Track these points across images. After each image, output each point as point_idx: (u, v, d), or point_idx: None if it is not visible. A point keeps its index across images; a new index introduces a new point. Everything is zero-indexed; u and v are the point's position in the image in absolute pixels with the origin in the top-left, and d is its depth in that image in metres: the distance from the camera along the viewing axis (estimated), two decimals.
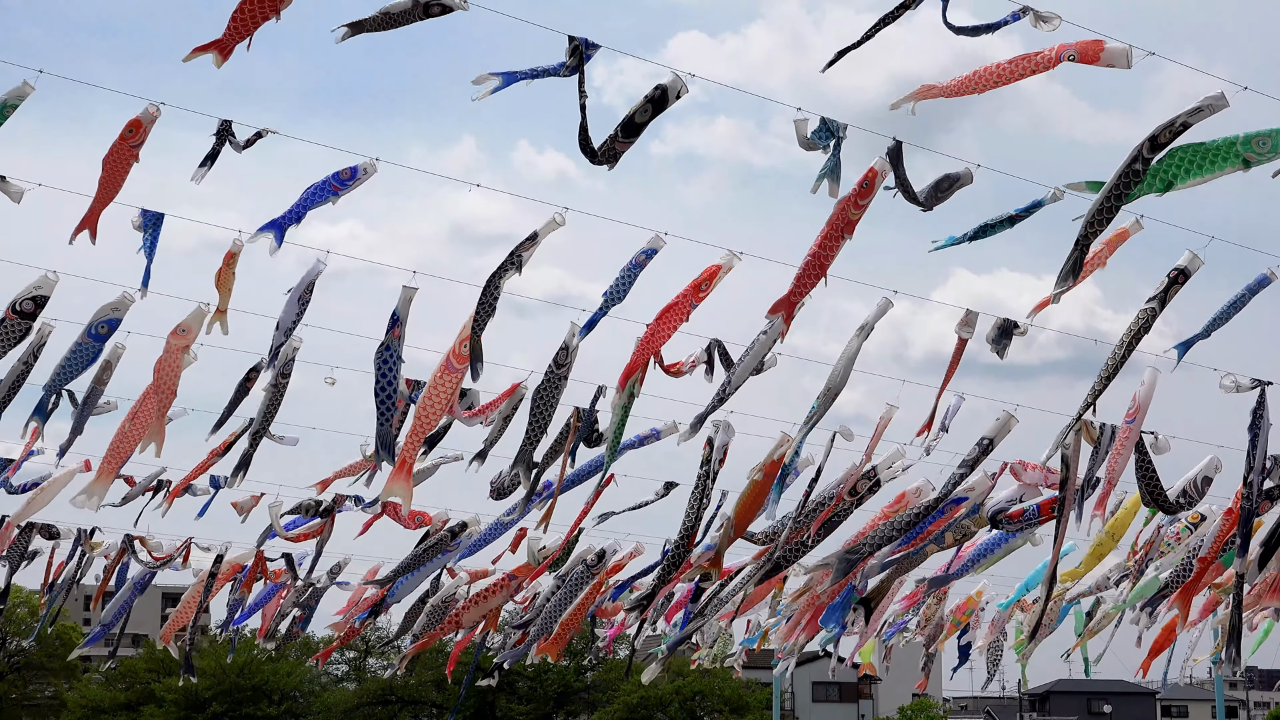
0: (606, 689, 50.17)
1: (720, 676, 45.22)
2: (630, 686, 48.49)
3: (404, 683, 48.42)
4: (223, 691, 46.54)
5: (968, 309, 9.84)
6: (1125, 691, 68.58)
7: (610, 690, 49.88)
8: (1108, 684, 67.12)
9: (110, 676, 47.73)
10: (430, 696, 48.73)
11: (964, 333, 9.84)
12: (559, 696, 50.13)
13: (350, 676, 52.49)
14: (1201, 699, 73.72)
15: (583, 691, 51.04)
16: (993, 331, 9.86)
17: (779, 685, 29.68)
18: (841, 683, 65.29)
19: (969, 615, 17.91)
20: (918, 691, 50.31)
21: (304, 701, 49.86)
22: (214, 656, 45.48)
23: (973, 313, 9.83)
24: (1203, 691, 72.33)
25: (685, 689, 48.79)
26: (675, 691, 48.79)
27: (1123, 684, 65.30)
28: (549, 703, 49.90)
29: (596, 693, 50.73)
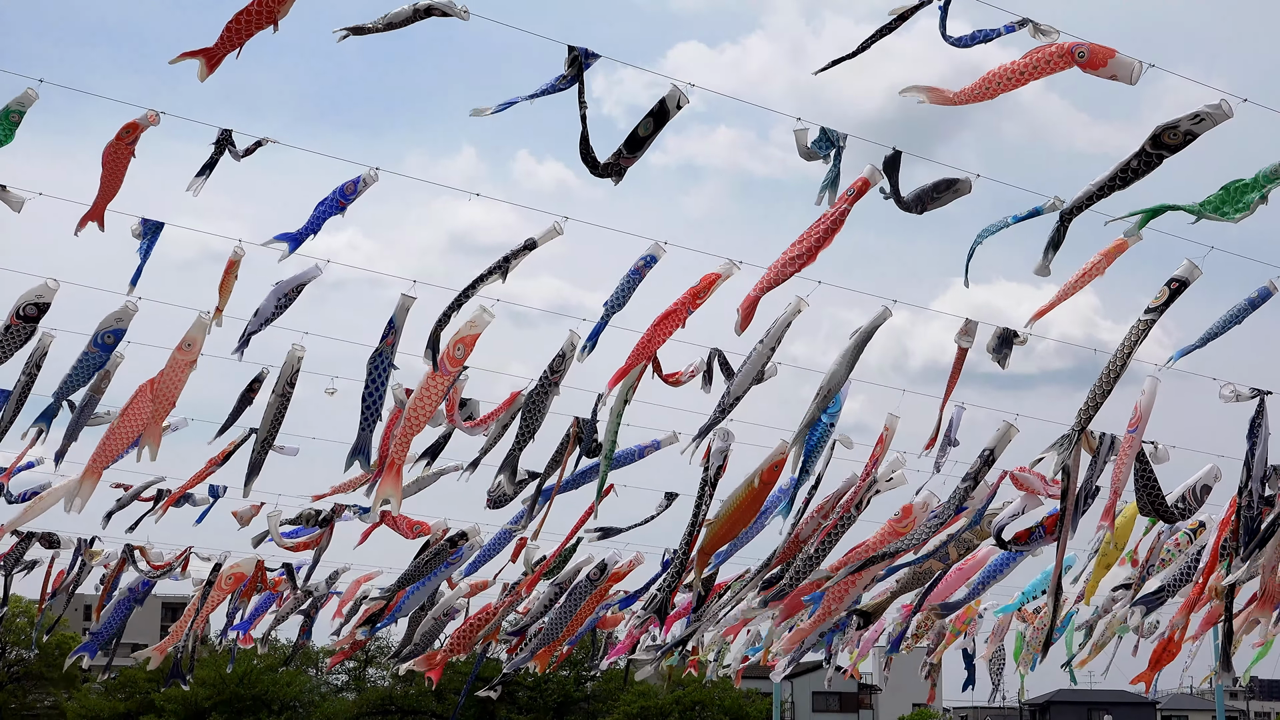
0: (606, 698, 50.13)
1: (720, 686, 45.18)
2: (630, 696, 48.45)
3: (403, 692, 48.40)
4: (223, 701, 46.50)
5: (967, 318, 9.85)
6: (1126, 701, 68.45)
7: (610, 700, 49.84)
8: (1108, 694, 67.03)
9: (110, 686, 47.65)
10: (430, 706, 48.68)
11: (964, 342, 9.83)
12: (559, 706, 50.09)
13: (350, 686, 52.46)
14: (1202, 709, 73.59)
15: (582, 701, 50.99)
16: (993, 341, 9.86)
17: (779, 695, 29.62)
18: (841, 692, 65.22)
19: (968, 624, 17.90)
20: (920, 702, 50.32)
21: (304, 711, 49.81)
22: (214, 666, 45.42)
23: (972, 322, 9.83)
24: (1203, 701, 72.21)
25: (685, 699, 48.77)
26: (675, 701, 48.75)
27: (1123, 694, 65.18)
28: (549, 712, 49.86)
29: (596, 702, 50.70)
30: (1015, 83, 7.50)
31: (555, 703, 49.83)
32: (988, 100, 7.58)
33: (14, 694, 50.60)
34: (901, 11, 7.34)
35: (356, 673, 51.95)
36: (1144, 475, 9.95)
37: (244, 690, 46.94)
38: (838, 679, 19.10)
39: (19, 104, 7.53)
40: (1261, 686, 74.94)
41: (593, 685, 50.82)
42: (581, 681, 50.66)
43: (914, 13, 7.34)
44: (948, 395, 10.10)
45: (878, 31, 7.42)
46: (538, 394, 9.88)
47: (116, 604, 15.32)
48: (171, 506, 13.47)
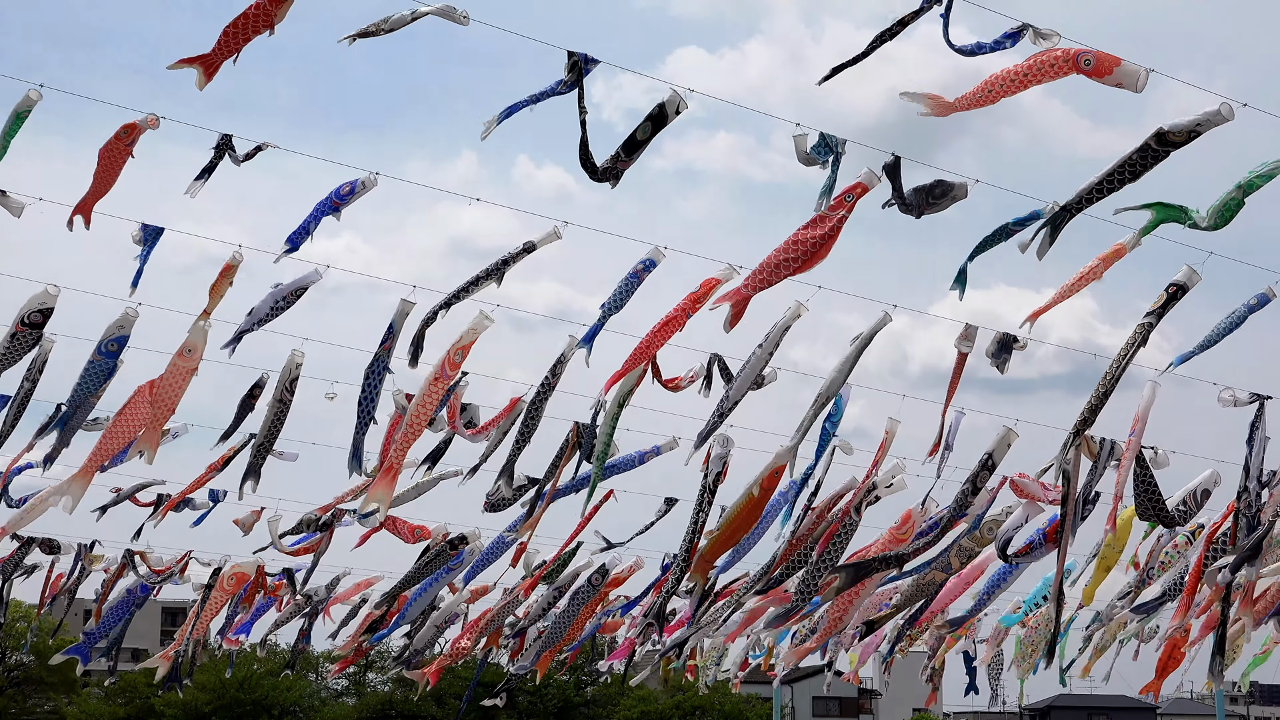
0: (606, 704, 50.10)
1: (720, 691, 45.15)
2: (630, 702, 48.43)
3: (403, 697, 48.37)
4: (223, 706, 46.47)
5: (967, 323, 9.84)
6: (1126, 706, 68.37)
7: (610, 705, 49.80)
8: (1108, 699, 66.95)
9: (110, 691, 47.62)
10: (430, 711, 48.62)
11: (964, 347, 9.83)
12: (559, 711, 50.03)
13: (350, 691, 52.42)
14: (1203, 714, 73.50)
15: (582, 706, 50.94)
16: (992, 346, 9.85)
17: (779, 700, 29.62)
18: (842, 697, 65.17)
19: (969, 627, 17.87)
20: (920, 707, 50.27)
21: (304, 716, 49.79)
22: (214, 671, 45.40)
23: (972, 327, 9.83)
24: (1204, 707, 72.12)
25: (685, 704, 48.72)
26: (675, 707, 48.72)
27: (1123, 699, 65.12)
28: (549, 717, 49.81)
29: (596, 708, 50.65)
30: (1017, 87, 7.49)
31: (555, 707, 49.77)
32: (989, 105, 7.57)
33: (14, 699, 50.55)
34: (903, 17, 7.34)
35: (356, 677, 51.89)
36: (1144, 480, 9.94)
37: (244, 695, 46.90)
38: (837, 683, 19.09)
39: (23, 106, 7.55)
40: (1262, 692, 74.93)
41: (593, 690, 50.77)
42: (581, 686, 50.61)
43: (915, 18, 7.34)
44: (949, 400, 10.10)
45: (879, 37, 7.42)
46: (537, 399, 9.90)
47: (114, 606, 15.31)
48: (171, 511, 13.48)
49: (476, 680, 18.15)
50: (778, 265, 8.20)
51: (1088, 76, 7.34)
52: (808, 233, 8.15)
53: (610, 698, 49.72)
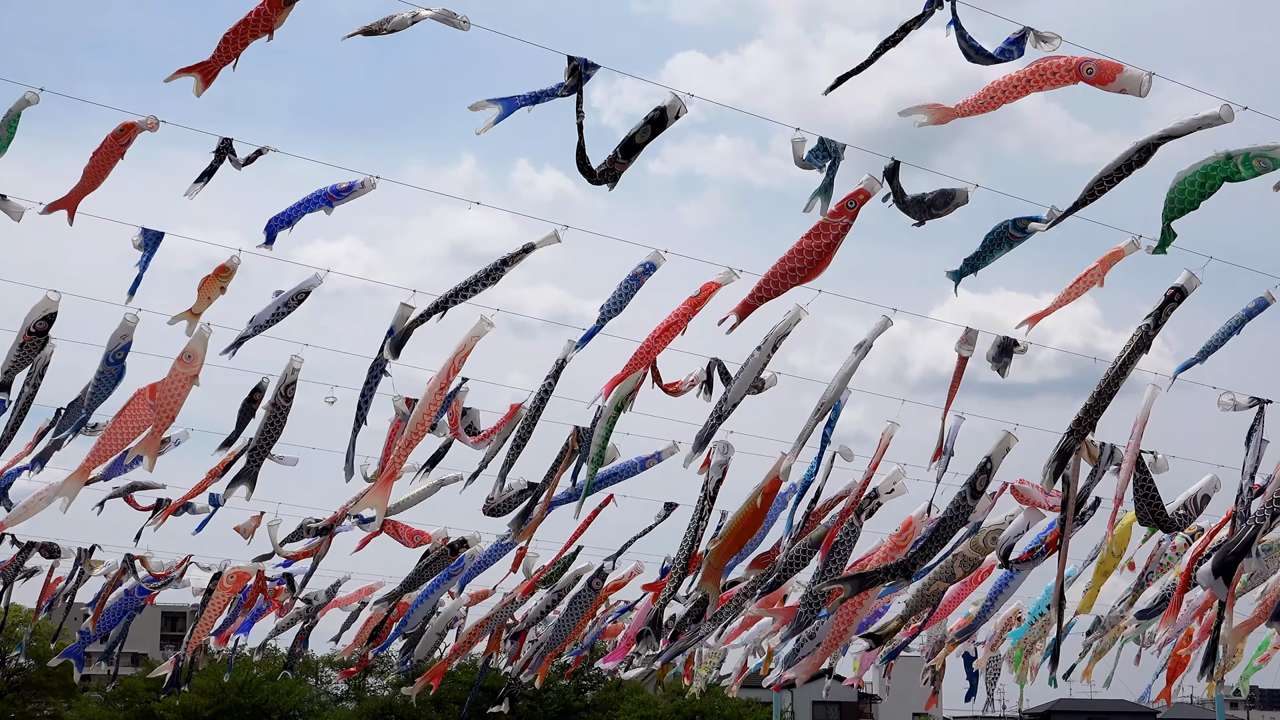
0: (606, 708, 50.03)
1: (719, 696, 45.09)
2: (630, 706, 48.35)
3: (403, 702, 48.30)
4: (222, 710, 46.42)
5: (967, 327, 9.84)
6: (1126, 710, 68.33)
7: (610, 710, 49.73)
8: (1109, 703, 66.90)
9: (109, 696, 47.59)
10: (430, 716, 48.58)
11: (964, 351, 9.83)
12: (559, 716, 49.97)
13: (350, 695, 52.37)
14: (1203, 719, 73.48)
15: (582, 710, 50.88)
16: (993, 350, 9.85)
17: (779, 704, 29.60)
18: (842, 702, 65.10)
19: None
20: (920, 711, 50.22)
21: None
22: (213, 675, 45.37)
23: (972, 331, 9.82)
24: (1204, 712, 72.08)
25: (685, 708, 48.64)
26: (675, 711, 48.64)
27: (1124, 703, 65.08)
28: None
29: (596, 712, 50.58)
30: (1018, 93, 7.50)
31: (555, 711, 49.71)
32: (990, 111, 7.58)
33: (13, 703, 50.51)
34: (906, 24, 7.34)
35: (356, 682, 51.83)
36: (1143, 484, 9.93)
37: (243, 699, 46.86)
38: (837, 688, 19.06)
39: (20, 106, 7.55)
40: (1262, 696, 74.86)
41: (593, 695, 50.72)
42: (581, 691, 50.55)
43: (918, 24, 7.34)
44: (948, 405, 10.09)
45: (882, 44, 7.42)
46: (536, 404, 9.89)
47: (111, 608, 15.28)
48: (171, 516, 13.46)
49: (478, 685, 18.11)
50: (785, 275, 8.19)
51: (1090, 84, 7.34)
52: (812, 241, 8.15)
53: (610, 702, 49.65)
